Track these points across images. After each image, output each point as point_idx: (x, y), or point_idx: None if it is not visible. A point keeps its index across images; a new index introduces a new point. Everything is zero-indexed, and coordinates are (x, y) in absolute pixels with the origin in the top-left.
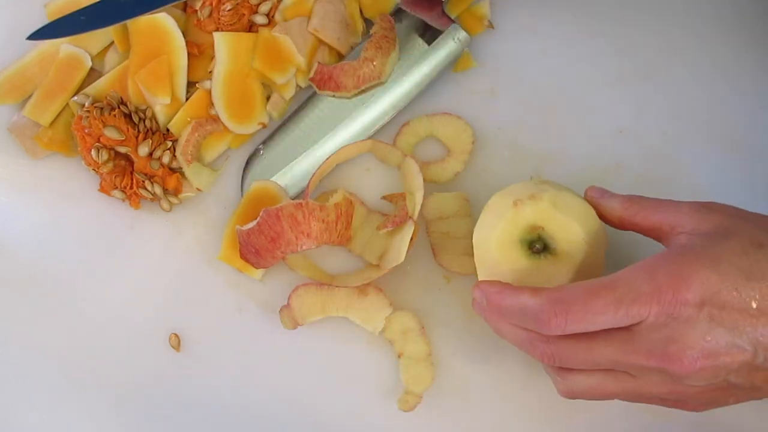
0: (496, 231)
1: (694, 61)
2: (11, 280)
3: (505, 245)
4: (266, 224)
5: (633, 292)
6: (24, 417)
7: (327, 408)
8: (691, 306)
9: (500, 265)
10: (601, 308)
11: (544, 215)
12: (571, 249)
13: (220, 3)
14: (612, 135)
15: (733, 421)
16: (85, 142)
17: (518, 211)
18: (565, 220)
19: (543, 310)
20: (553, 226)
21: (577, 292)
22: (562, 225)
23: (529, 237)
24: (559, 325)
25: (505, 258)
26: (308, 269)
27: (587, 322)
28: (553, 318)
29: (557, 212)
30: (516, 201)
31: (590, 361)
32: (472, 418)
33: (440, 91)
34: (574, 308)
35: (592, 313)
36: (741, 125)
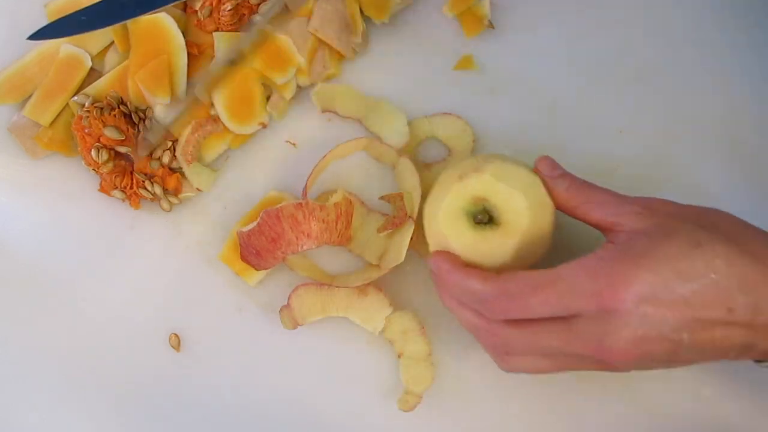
0: (442, 204)
1: (694, 61)
2: (11, 280)
3: (451, 217)
4: (266, 225)
5: (574, 290)
6: (24, 417)
7: (327, 408)
8: (628, 304)
9: (447, 237)
10: (543, 301)
11: (487, 187)
12: (515, 219)
13: (220, 3)
14: (612, 135)
15: (737, 421)
16: (85, 142)
17: (462, 184)
18: (508, 190)
19: (488, 297)
20: (496, 197)
21: (521, 285)
22: (504, 195)
23: (473, 209)
24: (502, 311)
25: (450, 230)
26: (309, 270)
27: (529, 312)
28: (497, 304)
29: (500, 183)
30: (461, 174)
31: (531, 348)
32: (472, 419)
33: (440, 91)
34: (518, 299)
35: (533, 305)
36: (741, 125)
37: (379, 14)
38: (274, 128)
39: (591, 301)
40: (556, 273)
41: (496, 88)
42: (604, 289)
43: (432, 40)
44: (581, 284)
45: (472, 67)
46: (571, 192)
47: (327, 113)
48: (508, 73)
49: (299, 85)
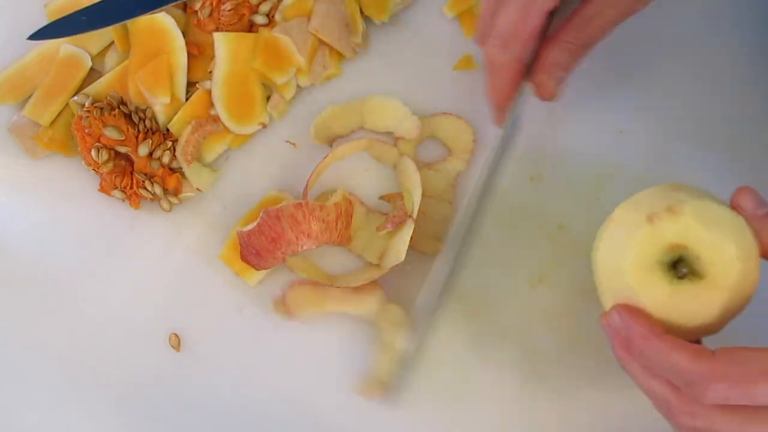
0: (630, 253)
1: (694, 61)
2: (11, 280)
3: (642, 270)
4: (266, 225)
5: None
6: (24, 417)
7: (327, 408)
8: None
9: (636, 293)
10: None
11: (687, 232)
12: (723, 272)
13: (220, 3)
14: (612, 135)
15: None
16: (85, 142)
17: (655, 228)
18: (714, 236)
19: (700, 379)
20: (698, 244)
21: (748, 369)
22: (709, 243)
23: (668, 259)
24: (716, 398)
25: (642, 286)
26: (309, 270)
27: (753, 400)
28: (711, 389)
29: (703, 228)
30: (650, 215)
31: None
32: (472, 419)
33: (440, 91)
34: (741, 386)
35: (761, 393)
36: (741, 125)
37: (379, 14)
38: (274, 128)
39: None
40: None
41: None
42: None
43: (432, 40)
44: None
45: (472, 67)
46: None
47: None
48: None
49: (299, 85)
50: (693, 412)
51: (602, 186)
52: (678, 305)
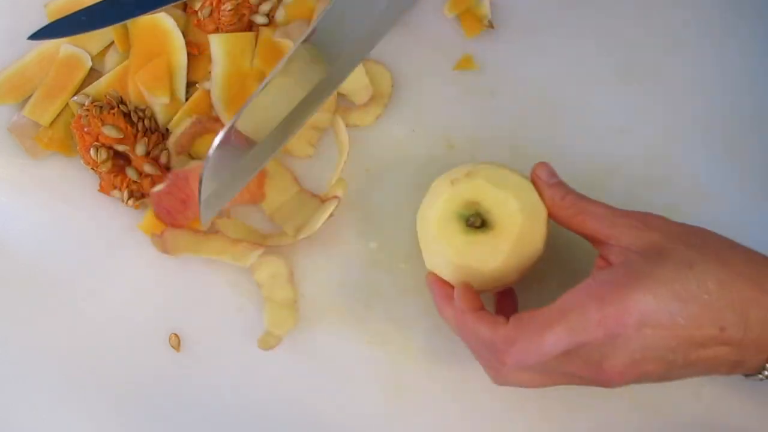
0: (434, 208)
1: (694, 60)
2: (11, 280)
3: (443, 221)
4: (176, 186)
5: (584, 321)
6: (24, 417)
7: (327, 408)
8: (630, 328)
9: (439, 241)
10: (555, 341)
11: (478, 190)
12: (508, 222)
13: (220, 3)
14: (612, 135)
15: (737, 421)
16: (84, 141)
17: (455, 188)
18: (500, 193)
19: (498, 347)
20: (488, 201)
21: (532, 327)
22: (497, 198)
23: (466, 212)
24: (516, 362)
25: (442, 234)
26: (240, 231)
27: (544, 356)
28: (509, 355)
29: (492, 186)
30: (453, 180)
31: (529, 367)
32: (472, 418)
33: (440, 91)
34: (532, 344)
35: (547, 347)
36: (741, 125)
37: None
38: None
39: (598, 330)
40: (562, 306)
41: (496, 88)
42: (610, 317)
43: (432, 40)
44: (589, 314)
45: (472, 67)
46: (567, 201)
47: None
48: (508, 73)
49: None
50: (500, 372)
51: (602, 186)
52: (472, 251)
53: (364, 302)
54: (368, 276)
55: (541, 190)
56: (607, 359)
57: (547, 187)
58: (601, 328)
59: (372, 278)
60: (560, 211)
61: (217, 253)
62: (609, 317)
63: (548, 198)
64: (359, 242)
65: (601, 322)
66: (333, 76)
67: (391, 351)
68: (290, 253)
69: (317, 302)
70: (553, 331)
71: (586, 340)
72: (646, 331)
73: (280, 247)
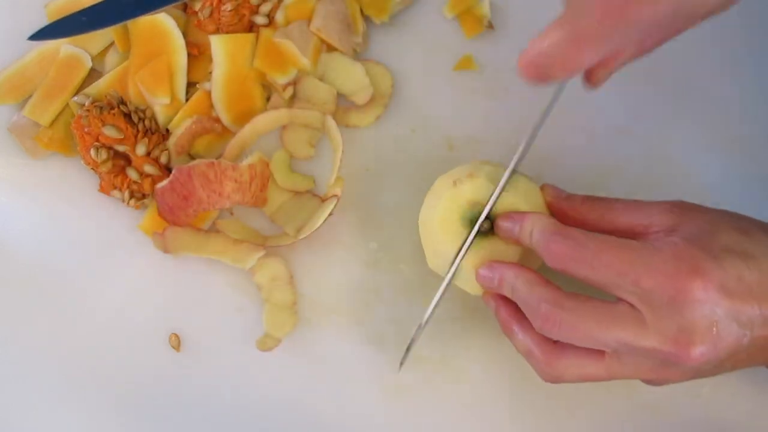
0: (437, 210)
1: (694, 60)
2: (11, 280)
3: (447, 223)
4: (179, 182)
5: (651, 263)
6: (24, 417)
7: (327, 408)
8: (710, 293)
9: (443, 243)
10: (610, 261)
11: (480, 190)
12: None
13: (221, 3)
14: (612, 135)
15: (737, 420)
16: (84, 141)
17: (456, 189)
18: (506, 195)
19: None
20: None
21: (592, 238)
22: (503, 201)
23: (470, 214)
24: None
25: (447, 237)
26: (240, 232)
27: (591, 265)
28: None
29: (494, 186)
30: (455, 180)
31: (594, 339)
32: (472, 418)
33: (440, 91)
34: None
35: (602, 261)
36: (741, 125)
37: (379, 14)
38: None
39: (667, 282)
40: (630, 242)
41: (496, 88)
42: (685, 272)
43: (432, 40)
44: (658, 263)
45: (472, 67)
46: (588, 205)
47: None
48: (508, 73)
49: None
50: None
51: (602, 186)
52: (479, 254)
53: (364, 302)
54: (368, 276)
55: (559, 205)
56: (683, 333)
57: (563, 200)
58: (672, 281)
59: (372, 278)
60: (588, 215)
61: (218, 254)
62: (682, 273)
63: (569, 209)
64: (359, 242)
65: (673, 275)
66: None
67: (391, 351)
68: (290, 253)
69: (317, 302)
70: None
71: (650, 287)
72: (721, 301)
73: (281, 248)
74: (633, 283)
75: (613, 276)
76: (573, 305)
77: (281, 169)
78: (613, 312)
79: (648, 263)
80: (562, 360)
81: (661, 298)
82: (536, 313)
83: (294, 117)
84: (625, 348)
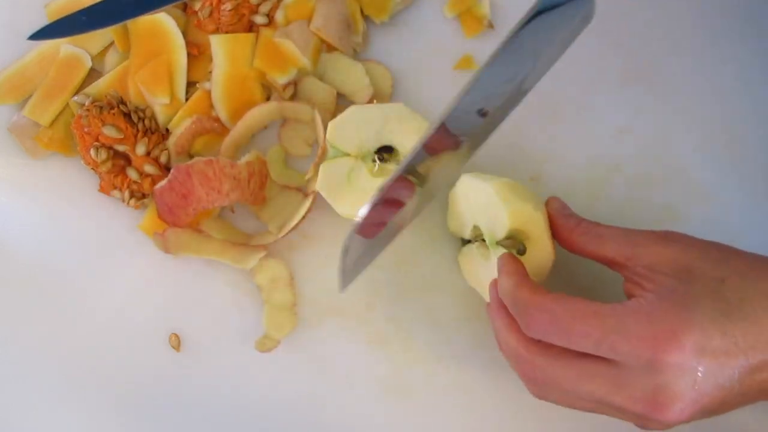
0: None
1: (694, 60)
2: (11, 280)
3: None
4: (177, 181)
5: (624, 330)
6: (24, 417)
7: (327, 408)
8: (687, 354)
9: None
10: (587, 332)
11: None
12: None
13: (220, 3)
14: (612, 135)
15: (737, 421)
16: (84, 141)
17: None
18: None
19: (532, 309)
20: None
21: (569, 308)
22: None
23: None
24: (540, 329)
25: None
26: (225, 232)
27: (569, 339)
28: (537, 320)
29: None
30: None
31: (571, 389)
32: (472, 418)
33: (440, 91)
34: (562, 321)
35: (576, 332)
36: (741, 125)
37: (379, 14)
38: (275, 128)
39: (643, 346)
40: (604, 307)
41: None
42: (661, 336)
43: (432, 40)
44: (633, 326)
45: (472, 67)
46: (583, 228)
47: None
48: None
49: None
50: (529, 359)
51: (602, 186)
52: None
53: (364, 302)
54: (368, 276)
55: (555, 221)
56: (662, 392)
57: (562, 217)
58: (647, 345)
59: (372, 278)
60: (578, 237)
61: (218, 255)
62: (658, 335)
63: (563, 226)
64: None
65: (647, 339)
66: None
67: (391, 351)
68: (291, 253)
69: (317, 302)
70: (589, 320)
71: (624, 353)
72: (705, 359)
73: (281, 248)
74: (610, 350)
75: (591, 345)
76: (552, 356)
77: (276, 164)
78: (590, 368)
79: (622, 329)
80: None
81: (638, 360)
82: (517, 359)
83: (284, 110)
84: (599, 403)
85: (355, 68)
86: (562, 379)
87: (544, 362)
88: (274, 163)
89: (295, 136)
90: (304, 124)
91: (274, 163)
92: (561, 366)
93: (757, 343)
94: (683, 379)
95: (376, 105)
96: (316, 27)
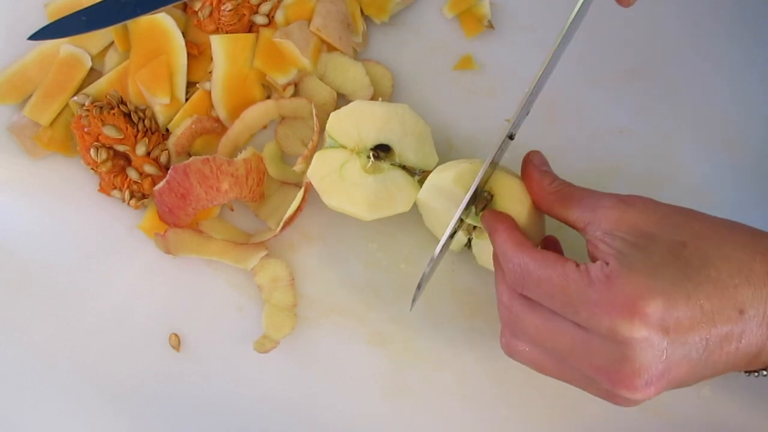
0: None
1: (693, 60)
2: (11, 280)
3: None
4: (175, 181)
5: (583, 296)
6: (24, 416)
7: (327, 407)
8: (650, 326)
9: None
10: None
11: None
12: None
13: (221, 3)
14: (612, 135)
15: (736, 421)
16: (84, 141)
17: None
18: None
19: (506, 259)
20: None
21: (539, 266)
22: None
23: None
24: (518, 280)
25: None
26: (224, 232)
27: (537, 293)
28: (509, 270)
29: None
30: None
31: (540, 339)
32: (472, 418)
33: (440, 91)
34: (531, 276)
35: (543, 288)
36: (741, 125)
37: (379, 14)
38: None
39: (601, 314)
40: (571, 270)
41: (496, 88)
42: (621, 305)
43: (432, 40)
44: (592, 294)
45: (472, 67)
46: (554, 186)
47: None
48: (508, 73)
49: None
50: (508, 302)
51: (602, 186)
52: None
53: (364, 302)
54: (368, 276)
55: (530, 175)
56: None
57: (538, 172)
58: (610, 311)
59: (372, 278)
60: (547, 196)
61: (219, 255)
62: (617, 302)
63: (536, 182)
64: (359, 242)
65: (609, 304)
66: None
67: (391, 351)
68: (291, 253)
69: (317, 302)
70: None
71: (588, 314)
72: (667, 328)
73: (281, 249)
74: (574, 314)
75: (557, 306)
76: (528, 305)
77: (272, 160)
78: (560, 324)
79: (582, 295)
80: (520, 341)
81: (599, 328)
82: (499, 304)
83: (281, 108)
84: (563, 363)
85: (355, 68)
86: (531, 329)
87: (519, 309)
88: (270, 159)
89: (292, 134)
90: (301, 122)
91: (270, 159)
92: (534, 315)
93: (723, 308)
94: (649, 351)
95: (381, 102)
96: (316, 27)
